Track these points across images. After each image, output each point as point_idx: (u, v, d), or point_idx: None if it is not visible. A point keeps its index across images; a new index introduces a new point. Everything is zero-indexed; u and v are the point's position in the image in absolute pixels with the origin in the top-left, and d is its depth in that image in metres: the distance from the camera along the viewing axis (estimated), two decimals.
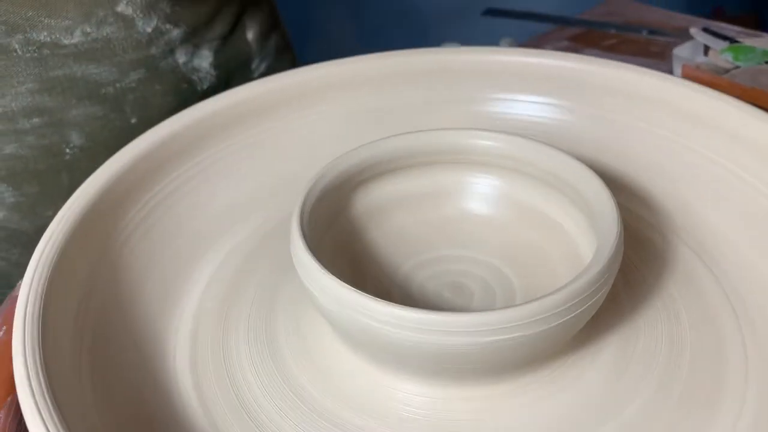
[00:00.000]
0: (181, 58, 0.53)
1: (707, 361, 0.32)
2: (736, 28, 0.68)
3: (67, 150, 0.50)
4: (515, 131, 0.39)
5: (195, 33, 0.54)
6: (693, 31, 0.67)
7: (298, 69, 0.45)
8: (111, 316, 0.34)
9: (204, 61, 0.54)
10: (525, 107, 0.45)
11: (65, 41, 0.48)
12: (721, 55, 0.65)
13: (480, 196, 0.39)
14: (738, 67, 0.64)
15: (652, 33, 0.71)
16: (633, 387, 0.31)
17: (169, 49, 0.52)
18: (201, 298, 0.37)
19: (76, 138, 0.50)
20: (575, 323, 0.29)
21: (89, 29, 0.48)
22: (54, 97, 0.49)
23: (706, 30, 0.67)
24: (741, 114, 0.39)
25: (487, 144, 0.37)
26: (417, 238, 0.38)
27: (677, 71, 0.61)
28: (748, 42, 0.66)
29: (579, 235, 0.35)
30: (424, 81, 0.46)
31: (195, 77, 0.54)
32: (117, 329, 0.34)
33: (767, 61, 0.61)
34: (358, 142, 0.37)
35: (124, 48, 0.50)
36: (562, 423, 0.30)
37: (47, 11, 0.46)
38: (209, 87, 0.55)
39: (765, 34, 0.69)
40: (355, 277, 0.36)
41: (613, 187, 0.34)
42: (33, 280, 0.31)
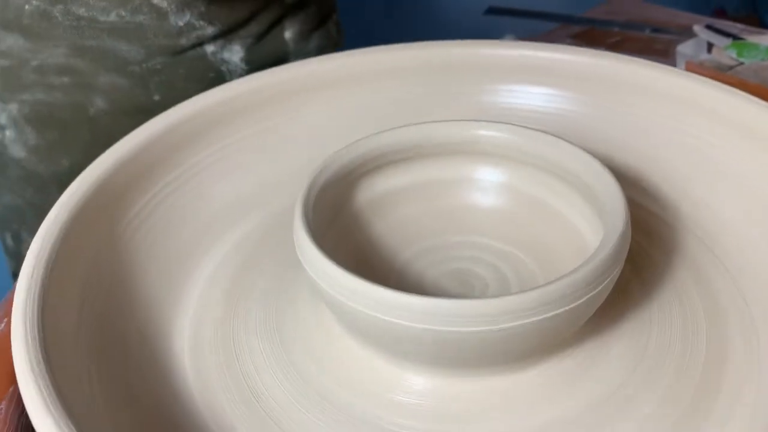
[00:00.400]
0: (210, 48, 0.55)
1: (721, 349, 0.32)
2: (739, 25, 0.68)
3: (91, 109, 0.54)
4: (520, 123, 0.38)
5: (229, 31, 0.55)
6: (697, 29, 0.67)
7: (302, 61, 0.45)
8: (114, 303, 0.34)
9: (235, 56, 0.56)
10: (531, 99, 0.45)
11: (101, 18, 0.51)
12: (725, 52, 0.65)
13: (485, 187, 0.38)
14: (742, 64, 0.64)
15: (655, 31, 0.71)
16: (649, 377, 0.31)
17: (199, 42, 0.54)
18: (206, 286, 0.37)
19: (100, 102, 0.53)
20: (584, 310, 0.29)
21: (124, 13, 0.51)
22: (85, 63, 0.52)
23: (709, 27, 0.67)
24: (750, 107, 0.38)
25: (492, 135, 0.37)
26: (421, 229, 0.38)
27: (681, 68, 0.61)
28: (751, 39, 0.66)
29: (585, 226, 0.35)
30: (430, 74, 0.45)
31: (224, 68, 0.56)
32: (120, 316, 0.34)
33: None
34: (364, 134, 0.37)
35: (155, 34, 0.52)
36: (573, 414, 0.30)
37: None
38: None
39: None
40: (359, 268, 0.35)
41: (619, 179, 0.33)
42: (35, 266, 0.31)
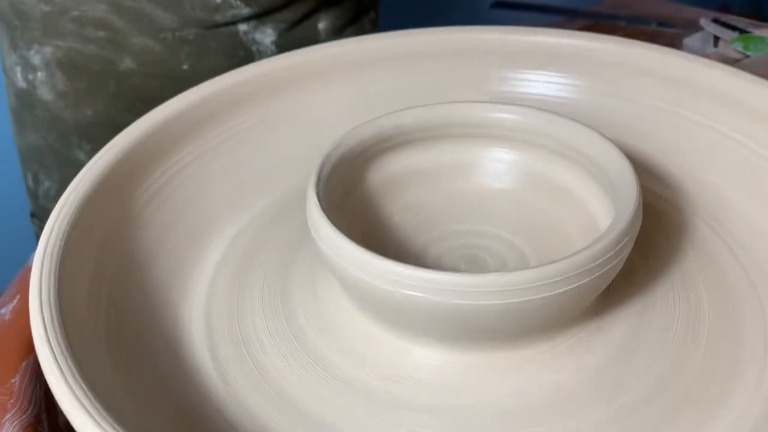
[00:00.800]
0: (243, 27, 0.56)
1: (726, 332, 0.32)
2: (745, 19, 0.69)
3: (121, 66, 0.56)
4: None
5: (264, 14, 0.56)
6: (703, 22, 0.67)
7: (312, 47, 0.45)
8: (129, 276, 0.34)
9: (266, 38, 0.57)
10: (541, 86, 0.45)
11: None
12: (732, 45, 0.65)
13: (496, 169, 0.38)
14: (748, 57, 0.64)
15: (661, 25, 0.72)
16: (649, 359, 0.31)
17: (233, 21, 0.55)
18: (217, 263, 0.37)
19: (129, 62, 0.55)
20: (594, 287, 0.29)
21: None
22: (121, 22, 0.54)
23: (716, 21, 0.68)
24: (759, 89, 0.38)
25: (503, 116, 0.37)
26: (432, 210, 0.38)
27: None
28: (758, 33, 0.67)
29: (597, 207, 0.35)
30: (440, 60, 0.46)
31: (254, 49, 0.57)
32: (133, 291, 0.34)
33: None
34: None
35: (192, 6, 0.54)
36: (576, 392, 0.30)
37: None
38: None
39: None
40: (370, 249, 0.35)
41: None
42: (50, 239, 0.31)
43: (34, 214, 0.66)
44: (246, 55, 0.57)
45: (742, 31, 0.66)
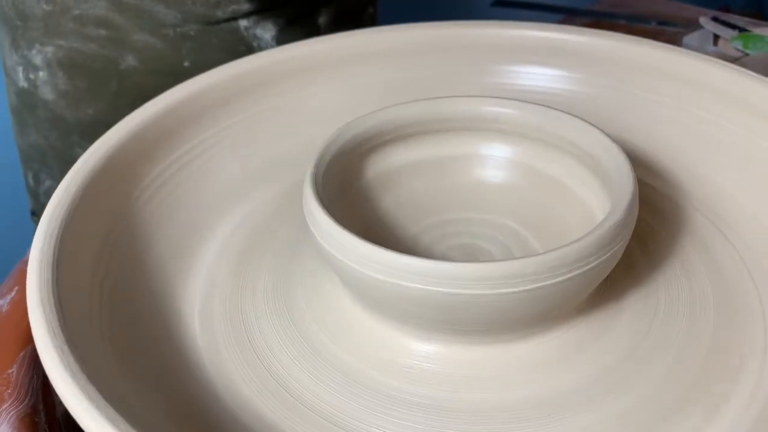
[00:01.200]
0: (244, 23, 0.56)
1: (729, 321, 0.32)
2: (745, 18, 0.69)
3: (122, 64, 0.56)
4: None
5: (264, 10, 0.57)
6: (703, 20, 0.68)
7: (311, 39, 0.45)
8: (128, 267, 0.34)
9: (267, 33, 0.57)
10: (537, 79, 0.45)
11: None
12: (732, 44, 0.65)
13: (493, 163, 0.39)
14: (747, 55, 0.64)
15: (661, 24, 0.72)
16: (660, 344, 0.31)
17: (234, 17, 0.56)
18: (218, 254, 0.37)
19: (131, 59, 0.56)
20: (588, 279, 0.29)
21: None
22: (122, 20, 0.54)
23: (715, 19, 0.68)
24: (751, 82, 0.39)
25: (500, 111, 0.37)
26: (429, 204, 0.38)
27: None
28: (757, 31, 0.67)
29: (593, 200, 0.35)
30: (438, 54, 0.46)
31: (255, 44, 0.58)
32: (132, 278, 0.34)
33: None
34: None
35: (193, 2, 0.54)
36: (576, 387, 0.30)
37: None
38: None
39: None
40: (367, 239, 0.36)
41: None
42: (49, 226, 0.31)
43: (34, 212, 0.66)
44: (247, 51, 0.57)
45: (741, 30, 0.66)
